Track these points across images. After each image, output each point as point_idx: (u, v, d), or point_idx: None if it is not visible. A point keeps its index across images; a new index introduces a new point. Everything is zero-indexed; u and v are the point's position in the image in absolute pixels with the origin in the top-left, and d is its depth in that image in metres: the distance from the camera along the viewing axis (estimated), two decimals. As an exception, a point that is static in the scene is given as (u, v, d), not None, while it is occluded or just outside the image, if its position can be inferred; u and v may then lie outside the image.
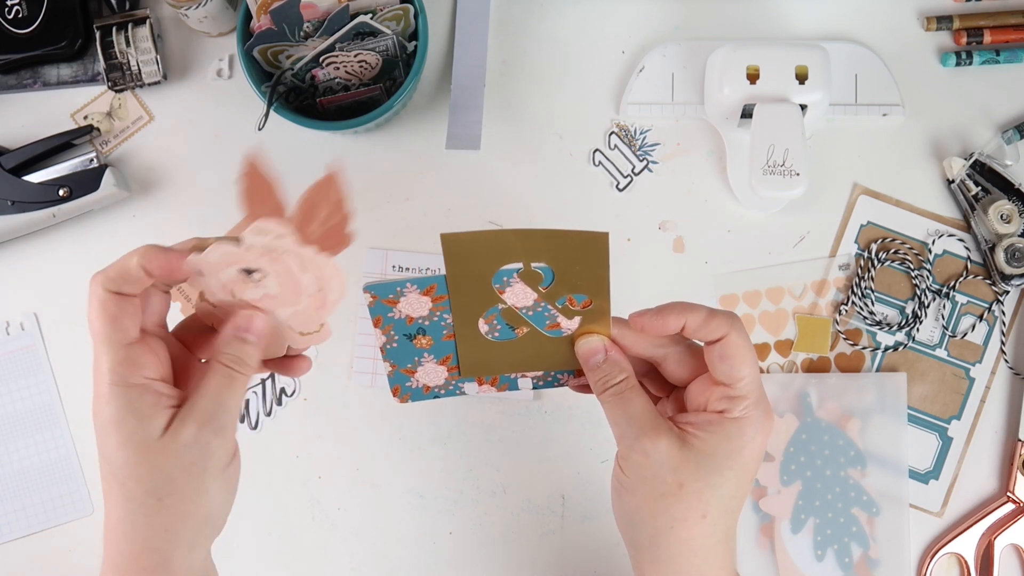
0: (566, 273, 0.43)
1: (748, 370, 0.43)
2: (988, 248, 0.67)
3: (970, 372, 0.68)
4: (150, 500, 0.41)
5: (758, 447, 0.44)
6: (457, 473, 0.68)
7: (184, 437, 0.41)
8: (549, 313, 0.45)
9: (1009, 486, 0.66)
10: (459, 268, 0.43)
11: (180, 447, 0.41)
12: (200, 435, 0.42)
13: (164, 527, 0.42)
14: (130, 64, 0.69)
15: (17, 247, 0.70)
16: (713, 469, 0.43)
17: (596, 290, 0.44)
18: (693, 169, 0.70)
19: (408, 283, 0.43)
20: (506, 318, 0.45)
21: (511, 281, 0.44)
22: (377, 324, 0.45)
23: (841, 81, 0.68)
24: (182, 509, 0.42)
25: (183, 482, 0.42)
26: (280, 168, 0.70)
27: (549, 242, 0.42)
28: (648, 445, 0.43)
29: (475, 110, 0.68)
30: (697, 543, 0.44)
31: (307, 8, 0.62)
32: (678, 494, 0.43)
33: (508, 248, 0.42)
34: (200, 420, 0.42)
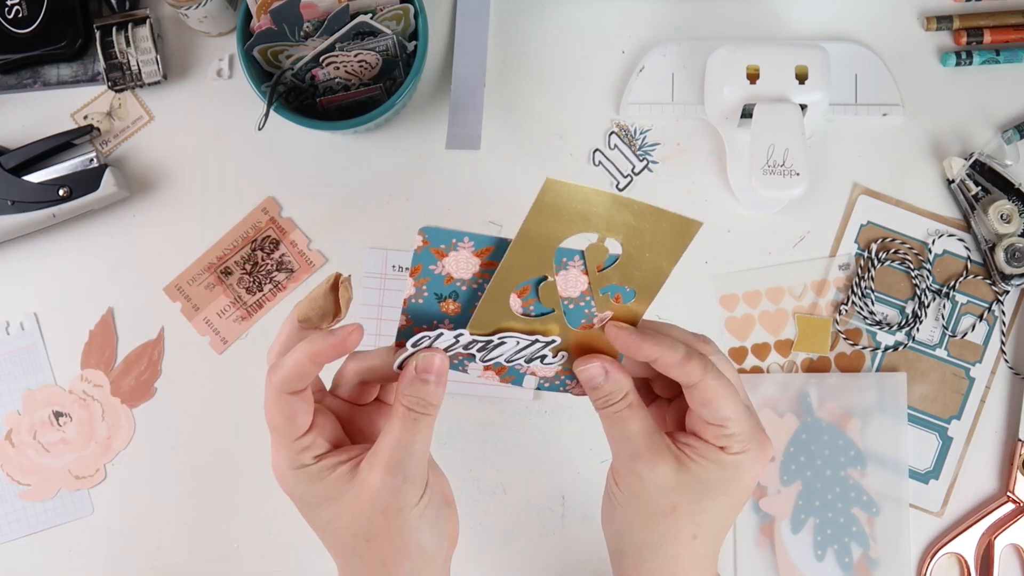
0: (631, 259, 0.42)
1: (732, 409, 0.43)
2: (988, 248, 0.67)
3: (970, 372, 0.68)
4: (359, 543, 0.43)
5: (754, 476, 0.44)
6: (457, 473, 0.68)
7: (372, 484, 0.42)
8: (589, 311, 0.44)
9: (1009, 486, 0.66)
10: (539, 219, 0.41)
11: (371, 493, 0.42)
12: (388, 480, 0.42)
13: (380, 562, 0.43)
14: (130, 64, 0.69)
15: (17, 247, 0.70)
16: (707, 495, 0.43)
17: (648, 287, 0.43)
18: (693, 169, 0.70)
19: (467, 236, 0.42)
20: (544, 297, 0.44)
21: (569, 264, 0.43)
22: (414, 273, 0.43)
23: (841, 81, 0.68)
24: (391, 544, 0.43)
25: (383, 523, 0.43)
26: (280, 168, 0.70)
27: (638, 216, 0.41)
28: (643, 468, 0.43)
29: (475, 110, 0.68)
30: (685, 560, 0.44)
31: (307, 8, 0.62)
32: (671, 516, 0.43)
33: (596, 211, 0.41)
34: (385, 466, 0.42)
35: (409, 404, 0.43)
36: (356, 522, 0.43)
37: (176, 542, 0.68)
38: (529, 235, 0.42)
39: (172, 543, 0.68)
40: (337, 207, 0.70)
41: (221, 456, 0.69)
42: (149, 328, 0.70)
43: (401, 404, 0.43)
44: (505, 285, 0.44)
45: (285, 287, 0.70)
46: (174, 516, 0.68)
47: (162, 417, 0.69)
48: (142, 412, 0.69)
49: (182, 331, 0.70)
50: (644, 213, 0.41)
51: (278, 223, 0.70)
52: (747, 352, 0.68)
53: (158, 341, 0.69)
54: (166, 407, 0.69)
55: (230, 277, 0.70)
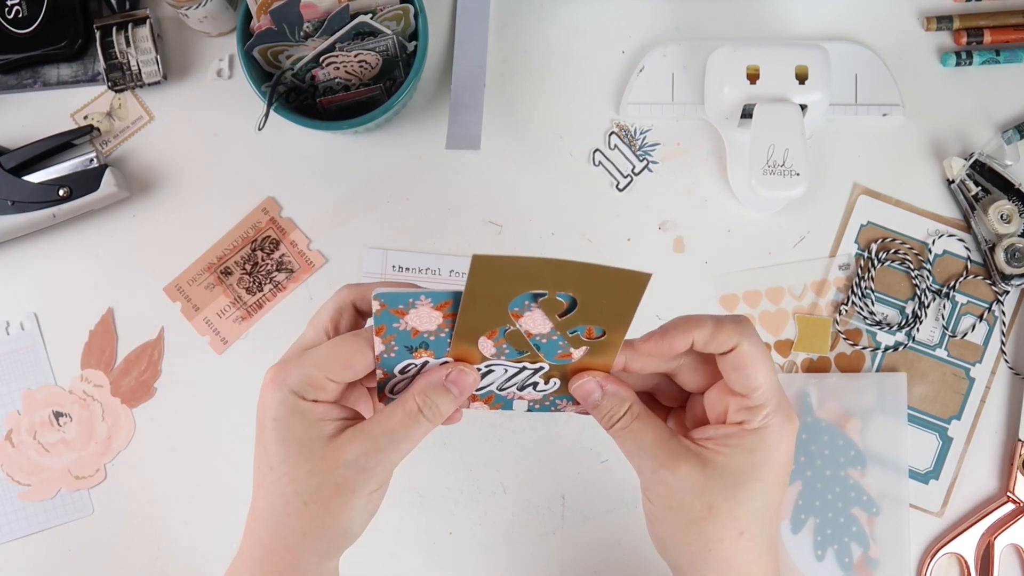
0: (590, 306, 0.41)
1: (764, 378, 0.41)
2: (988, 248, 0.67)
3: (970, 372, 0.68)
4: (296, 501, 0.42)
5: (783, 454, 0.42)
6: (457, 473, 0.68)
7: (347, 454, 0.41)
8: (563, 343, 0.43)
9: (1009, 486, 0.66)
10: (480, 286, 0.41)
11: (338, 462, 0.41)
12: (363, 459, 0.41)
13: (303, 530, 0.42)
14: (130, 64, 0.69)
15: (17, 247, 0.70)
16: (741, 485, 0.41)
17: (615, 325, 0.42)
18: (693, 169, 0.70)
19: (423, 295, 0.42)
20: (513, 341, 0.43)
21: (530, 306, 0.42)
22: (379, 332, 0.43)
23: (841, 81, 0.68)
24: (323, 520, 0.42)
25: (330, 494, 0.42)
26: (280, 168, 0.70)
27: (583, 276, 0.40)
28: (667, 476, 0.41)
29: (475, 110, 0.68)
30: (738, 560, 0.42)
31: (307, 8, 0.62)
32: (709, 517, 0.41)
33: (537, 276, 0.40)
34: (368, 445, 0.42)
35: (421, 402, 0.42)
36: (307, 481, 0.41)
37: (176, 542, 0.68)
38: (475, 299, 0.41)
39: (172, 543, 0.68)
40: (337, 207, 0.70)
41: (221, 456, 0.69)
42: (149, 328, 0.70)
43: (414, 399, 0.43)
44: (469, 334, 0.43)
45: (285, 287, 0.70)
46: (174, 516, 0.68)
47: (162, 417, 0.69)
48: (142, 412, 0.69)
49: (182, 331, 0.70)
50: (586, 272, 0.40)
51: (278, 223, 0.70)
52: (747, 352, 0.68)
53: (158, 341, 0.69)
54: (166, 407, 0.69)
55: (230, 277, 0.70)
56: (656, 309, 0.67)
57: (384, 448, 0.42)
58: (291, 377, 0.42)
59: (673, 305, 0.68)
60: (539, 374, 0.45)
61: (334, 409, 0.43)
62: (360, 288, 0.45)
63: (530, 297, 0.41)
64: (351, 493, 0.42)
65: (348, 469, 0.41)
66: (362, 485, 0.42)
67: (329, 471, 0.41)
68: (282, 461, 0.42)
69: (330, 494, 0.42)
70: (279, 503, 0.42)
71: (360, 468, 0.42)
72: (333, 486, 0.42)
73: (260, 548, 0.44)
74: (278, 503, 0.42)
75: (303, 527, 0.42)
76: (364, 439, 0.42)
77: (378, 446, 0.42)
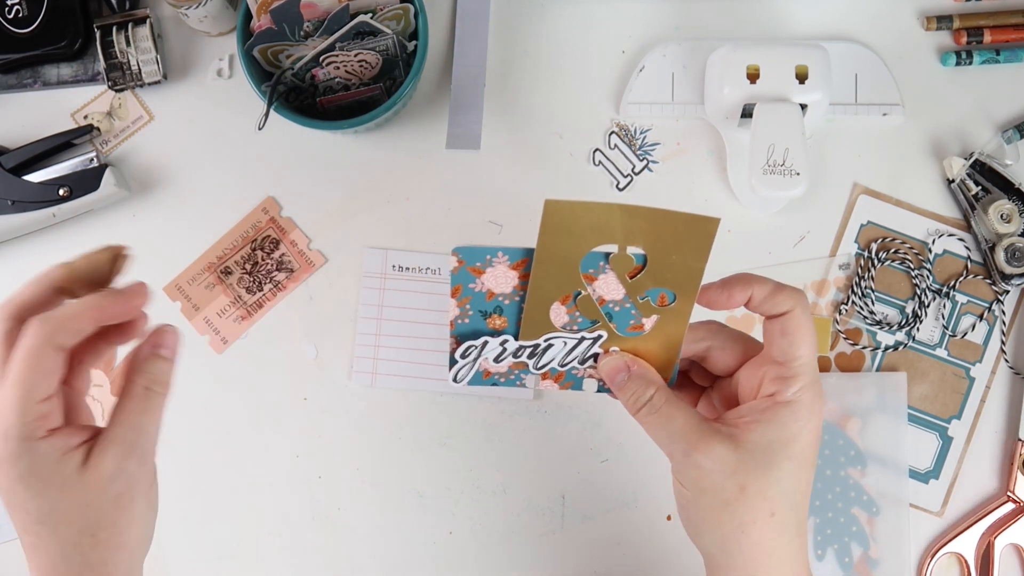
0: (659, 263, 0.41)
1: (807, 349, 0.42)
2: (988, 248, 0.67)
3: (970, 372, 0.68)
4: (84, 539, 0.40)
5: (813, 431, 0.42)
6: (457, 473, 0.68)
7: (106, 469, 0.40)
8: (635, 312, 0.43)
9: (1009, 486, 0.66)
10: (552, 240, 0.40)
11: (104, 480, 0.40)
12: (123, 465, 0.40)
13: (102, 561, 0.41)
14: (130, 64, 0.69)
15: (17, 247, 0.70)
16: (772, 464, 0.41)
17: (685, 286, 0.42)
18: (693, 169, 0.70)
19: (500, 251, 0.41)
20: (584, 309, 0.43)
21: (604, 268, 0.41)
22: (455, 294, 0.42)
23: (841, 81, 0.68)
24: (117, 540, 0.41)
25: (113, 513, 0.41)
26: (280, 168, 0.70)
27: (652, 222, 0.40)
28: (701, 459, 0.41)
29: (475, 110, 0.68)
30: (769, 543, 0.42)
31: (307, 8, 0.62)
32: (741, 498, 0.41)
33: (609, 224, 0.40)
34: (121, 450, 0.41)
35: (145, 382, 0.42)
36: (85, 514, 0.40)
37: (176, 542, 0.68)
38: (546, 256, 0.41)
39: (172, 543, 0.68)
40: (337, 207, 0.70)
41: (221, 456, 0.69)
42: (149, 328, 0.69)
43: (135, 382, 0.42)
44: (541, 302, 0.43)
45: (285, 287, 0.70)
46: (174, 516, 0.68)
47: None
48: (142, 412, 0.69)
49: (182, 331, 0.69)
50: (656, 217, 0.40)
51: (278, 223, 0.70)
52: (747, 352, 0.68)
53: None
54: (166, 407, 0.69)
55: (230, 277, 0.70)
56: (656, 309, 0.67)
57: (135, 444, 0.41)
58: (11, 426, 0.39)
59: (673, 305, 0.68)
60: (598, 344, 0.44)
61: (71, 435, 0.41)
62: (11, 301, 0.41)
63: (603, 257, 0.41)
64: (131, 501, 0.41)
65: (117, 481, 0.40)
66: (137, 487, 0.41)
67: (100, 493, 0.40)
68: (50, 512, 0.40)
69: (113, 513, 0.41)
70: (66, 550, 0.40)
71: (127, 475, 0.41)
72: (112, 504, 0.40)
73: None
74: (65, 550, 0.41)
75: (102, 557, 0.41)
76: (114, 447, 0.41)
77: (129, 445, 0.41)
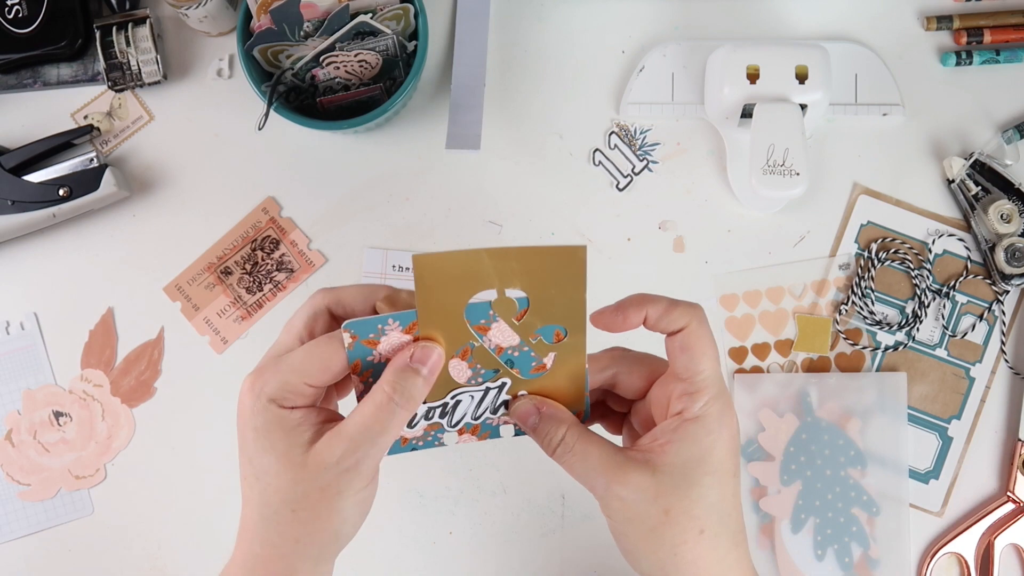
0: (541, 300, 0.41)
1: (708, 362, 0.42)
2: (988, 248, 0.67)
3: (970, 372, 0.68)
4: (284, 510, 0.42)
5: (726, 442, 0.42)
6: (457, 473, 0.68)
7: (327, 458, 0.41)
8: (534, 355, 0.42)
9: (1009, 486, 0.66)
10: (430, 296, 0.39)
11: (320, 467, 0.41)
12: (343, 460, 0.41)
13: (295, 538, 0.42)
14: (130, 64, 0.69)
15: (17, 247, 0.70)
16: (691, 482, 0.42)
17: (573, 318, 0.42)
18: (693, 169, 0.70)
19: (390, 319, 0.41)
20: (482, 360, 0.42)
21: (494, 317, 0.41)
22: (355, 370, 0.42)
23: (841, 81, 0.68)
24: (314, 524, 0.42)
25: (317, 499, 0.41)
26: (280, 168, 0.70)
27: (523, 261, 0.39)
28: (620, 490, 0.42)
29: (475, 110, 0.68)
30: (705, 560, 0.43)
31: (307, 8, 0.62)
32: (667, 521, 0.42)
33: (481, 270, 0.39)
34: (346, 445, 0.41)
35: (391, 390, 0.41)
36: (292, 488, 0.41)
37: (176, 542, 0.68)
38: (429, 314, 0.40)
39: (172, 543, 0.68)
40: (337, 207, 0.70)
41: (221, 456, 0.69)
42: (149, 328, 0.70)
43: (383, 389, 0.42)
44: None
45: (285, 287, 0.70)
46: (174, 516, 0.68)
47: (162, 417, 0.69)
48: (142, 412, 0.69)
49: (182, 331, 0.70)
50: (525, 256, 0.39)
51: (278, 223, 0.70)
52: (747, 352, 0.68)
53: (158, 341, 0.69)
54: (166, 407, 0.69)
55: (230, 277, 0.70)
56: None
57: (362, 445, 0.41)
58: (268, 385, 0.42)
59: (673, 305, 0.68)
60: (505, 390, 0.44)
61: (311, 413, 0.42)
62: (334, 292, 0.44)
63: (488, 305, 0.41)
64: (338, 495, 0.42)
65: (330, 472, 0.41)
66: (347, 486, 0.42)
67: (312, 477, 0.41)
68: (265, 471, 0.42)
69: (316, 499, 0.41)
70: (268, 513, 0.42)
71: (342, 469, 0.41)
72: (318, 491, 0.41)
73: (252, 559, 0.44)
74: (267, 513, 0.42)
75: (294, 534, 0.42)
76: (341, 440, 0.41)
77: (356, 444, 0.41)
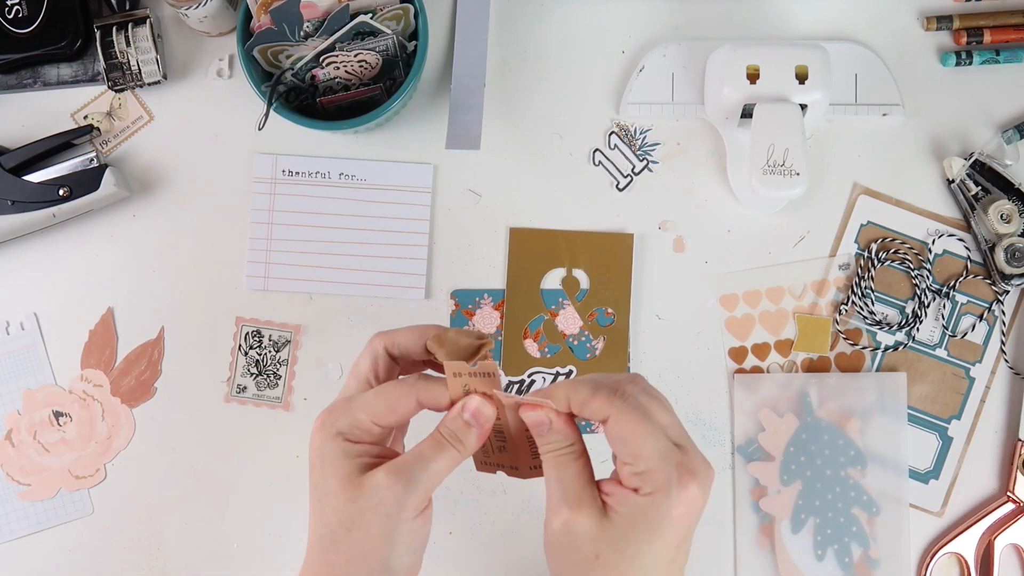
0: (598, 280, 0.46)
1: (644, 446, 0.42)
2: (988, 248, 0.67)
3: (970, 372, 0.68)
4: (340, 530, 0.45)
5: (680, 518, 0.43)
6: (457, 473, 0.67)
7: (380, 479, 0.44)
8: (591, 344, 0.47)
9: (1009, 486, 0.66)
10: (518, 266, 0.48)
11: (374, 487, 0.44)
12: (392, 481, 0.44)
13: (347, 558, 0.45)
14: (130, 64, 0.69)
15: (17, 247, 0.70)
16: (629, 543, 0.43)
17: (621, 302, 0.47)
18: (693, 169, 0.70)
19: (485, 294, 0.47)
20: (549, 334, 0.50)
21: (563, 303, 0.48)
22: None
23: (841, 81, 0.68)
24: (365, 547, 0.44)
25: (369, 520, 0.44)
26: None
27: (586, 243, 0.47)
28: (567, 514, 0.44)
29: (475, 110, 0.68)
30: None
31: (307, 8, 0.62)
32: (595, 563, 0.43)
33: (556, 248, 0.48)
34: (396, 469, 0.44)
35: (446, 434, 0.45)
36: (347, 507, 0.44)
37: (176, 542, 0.68)
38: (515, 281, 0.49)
39: (172, 543, 0.68)
40: (337, 207, 0.70)
41: (221, 456, 0.69)
42: (149, 328, 0.70)
43: (440, 431, 0.45)
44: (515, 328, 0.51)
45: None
46: (174, 516, 0.68)
47: (162, 417, 0.69)
48: (142, 412, 0.69)
49: (182, 331, 0.70)
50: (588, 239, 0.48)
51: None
52: (747, 352, 0.68)
53: (158, 341, 0.69)
54: (166, 407, 0.69)
55: (230, 277, 0.70)
56: (656, 309, 0.67)
57: (411, 470, 0.44)
58: (339, 422, 0.45)
59: (673, 305, 0.68)
60: None
61: (371, 449, 0.46)
62: (390, 335, 0.48)
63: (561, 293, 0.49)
64: (389, 516, 0.44)
65: (382, 492, 0.44)
66: (399, 508, 0.44)
67: (367, 496, 0.44)
68: (326, 493, 0.45)
69: (370, 518, 0.44)
70: (325, 532, 0.45)
71: (393, 492, 0.44)
72: (371, 511, 0.44)
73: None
74: (324, 532, 0.45)
75: (348, 554, 0.45)
76: (395, 464, 0.45)
77: (406, 468, 0.44)
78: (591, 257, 0.49)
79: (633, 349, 0.66)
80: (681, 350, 0.68)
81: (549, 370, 0.59)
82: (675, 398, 0.67)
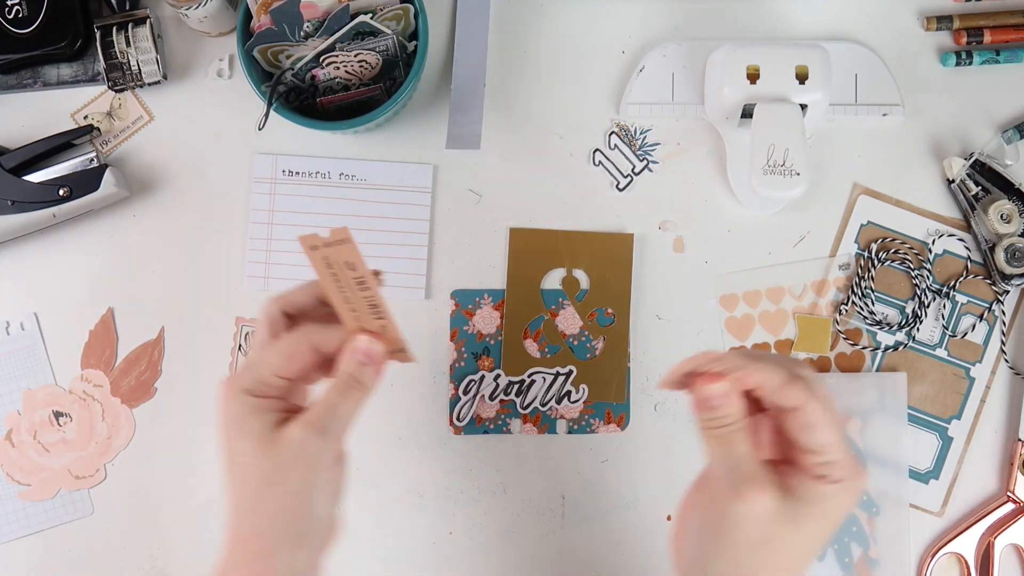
0: (598, 280, 0.47)
1: (834, 435, 0.42)
2: (988, 248, 0.67)
3: (970, 372, 0.68)
4: (261, 487, 0.45)
5: (847, 508, 0.44)
6: (457, 473, 0.68)
7: (292, 433, 0.45)
8: (591, 344, 0.49)
9: (1009, 486, 0.66)
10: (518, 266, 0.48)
11: (287, 442, 0.45)
12: (308, 436, 0.45)
13: (271, 513, 0.45)
14: (130, 64, 0.69)
15: (17, 247, 0.70)
16: (803, 528, 0.42)
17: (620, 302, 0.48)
18: (693, 169, 0.70)
19: (485, 294, 0.47)
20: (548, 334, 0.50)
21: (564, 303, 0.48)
22: (453, 337, 0.49)
23: (841, 81, 0.68)
24: (288, 500, 0.45)
25: (289, 472, 0.45)
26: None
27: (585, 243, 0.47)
28: (752, 494, 0.42)
29: (475, 110, 0.68)
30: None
31: (307, 8, 0.62)
32: (763, 547, 0.42)
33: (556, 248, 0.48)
34: (308, 421, 0.45)
35: (344, 377, 0.46)
36: (265, 463, 0.45)
37: (176, 542, 0.68)
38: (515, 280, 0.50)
39: (172, 543, 0.68)
40: (337, 207, 0.70)
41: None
42: (149, 328, 0.70)
43: (341, 376, 0.46)
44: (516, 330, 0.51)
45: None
46: (174, 516, 0.68)
47: (162, 417, 0.69)
48: (142, 412, 0.69)
49: (182, 331, 0.70)
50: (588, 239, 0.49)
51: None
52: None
53: (158, 341, 0.69)
54: (166, 407, 0.69)
55: (230, 277, 0.70)
56: (656, 309, 0.67)
57: (321, 419, 0.46)
58: (243, 380, 0.46)
59: (673, 305, 0.68)
60: (570, 380, 0.52)
61: (277, 404, 0.47)
62: (283, 297, 0.49)
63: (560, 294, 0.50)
64: (308, 467, 0.45)
65: (295, 445, 0.45)
66: (316, 458, 0.45)
67: (283, 450, 0.45)
68: (241, 452, 0.46)
69: (288, 471, 0.45)
70: (246, 492, 0.46)
71: (309, 444, 0.45)
72: (289, 464, 0.45)
73: (234, 540, 0.47)
74: (245, 492, 0.46)
75: (270, 509, 0.45)
76: (307, 416, 0.46)
77: (316, 419, 0.45)
78: (591, 257, 0.49)
79: (633, 349, 0.66)
80: (681, 350, 0.68)
81: (549, 370, 0.59)
82: (675, 398, 0.67)
